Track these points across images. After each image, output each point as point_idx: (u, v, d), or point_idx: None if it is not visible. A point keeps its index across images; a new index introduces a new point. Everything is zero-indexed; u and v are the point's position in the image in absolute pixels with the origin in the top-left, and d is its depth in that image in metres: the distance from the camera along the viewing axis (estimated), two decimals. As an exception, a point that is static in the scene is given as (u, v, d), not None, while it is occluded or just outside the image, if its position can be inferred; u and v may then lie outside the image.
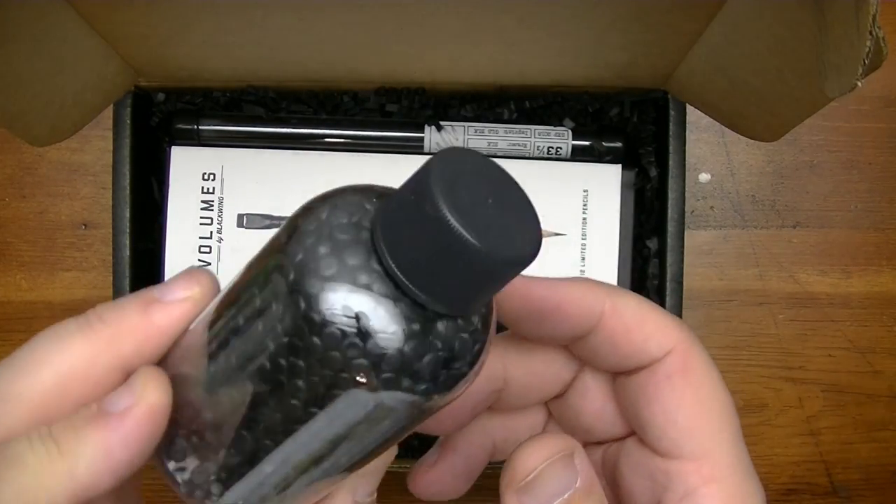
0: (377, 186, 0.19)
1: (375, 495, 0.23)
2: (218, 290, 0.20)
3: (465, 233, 0.15)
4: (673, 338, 0.23)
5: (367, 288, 0.17)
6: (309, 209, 0.18)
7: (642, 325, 0.23)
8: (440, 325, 0.17)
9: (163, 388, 0.19)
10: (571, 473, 0.22)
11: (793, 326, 0.49)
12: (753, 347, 0.49)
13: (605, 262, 0.42)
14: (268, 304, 0.17)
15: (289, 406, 0.18)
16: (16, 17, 0.30)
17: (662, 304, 0.42)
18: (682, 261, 0.42)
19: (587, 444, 0.26)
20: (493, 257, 0.16)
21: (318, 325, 0.16)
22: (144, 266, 0.42)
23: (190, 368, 0.20)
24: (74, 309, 0.47)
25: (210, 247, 0.42)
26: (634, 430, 0.24)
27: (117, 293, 0.41)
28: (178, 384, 0.20)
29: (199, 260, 0.42)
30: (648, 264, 0.43)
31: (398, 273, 0.16)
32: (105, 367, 0.20)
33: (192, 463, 0.20)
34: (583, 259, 0.42)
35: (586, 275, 0.42)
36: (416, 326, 0.17)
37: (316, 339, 0.17)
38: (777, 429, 0.49)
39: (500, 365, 0.25)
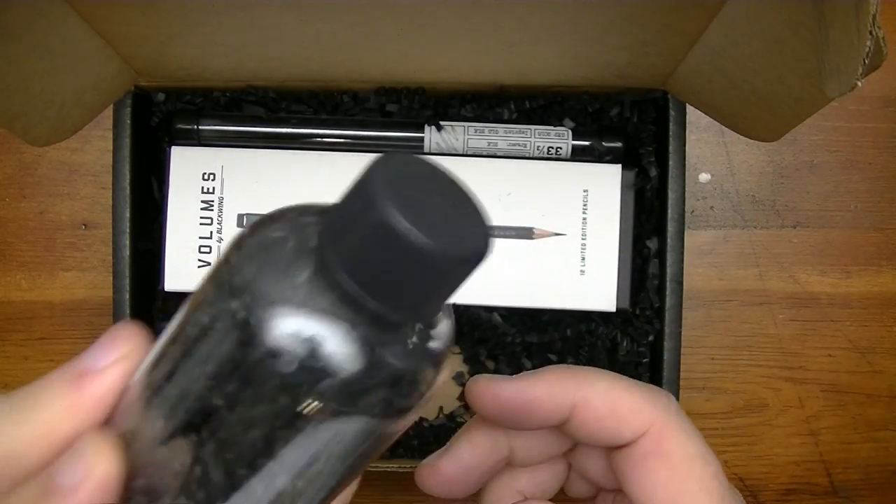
0: (318, 204, 0.18)
1: None
2: (148, 341, 0.20)
3: (415, 233, 0.15)
4: (645, 419, 0.24)
5: (318, 307, 0.16)
6: (248, 232, 0.17)
7: (614, 412, 0.25)
8: (396, 339, 0.17)
9: (112, 454, 0.18)
10: None
11: (793, 326, 0.49)
12: (753, 347, 0.49)
13: (605, 262, 0.42)
14: (213, 337, 0.16)
15: (247, 443, 0.17)
16: (16, 17, 0.30)
17: (662, 304, 0.42)
18: (682, 261, 0.42)
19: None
20: (445, 255, 0.15)
21: (269, 353, 0.15)
22: (144, 266, 0.42)
23: (136, 422, 0.19)
24: (74, 309, 0.47)
25: (210, 247, 0.42)
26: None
27: (117, 293, 0.41)
28: (127, 440, 0.19)
29: (199, 260, 0.42)
30: (648, 264, 0.43)
31: (350, 284, 0.16)
32: (42, 452, 0.19)
33: None
34: (583, 259, 0.42)
35: (586, 275, 0.42)
36: (372, 342, 0.16)
37: (268, 367, 0.16)
38: (777, 429, 0.49)
39: (502, 437, 0.27)
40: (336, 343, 0.16)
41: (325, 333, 0.16)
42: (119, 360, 0.19)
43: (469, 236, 0.16)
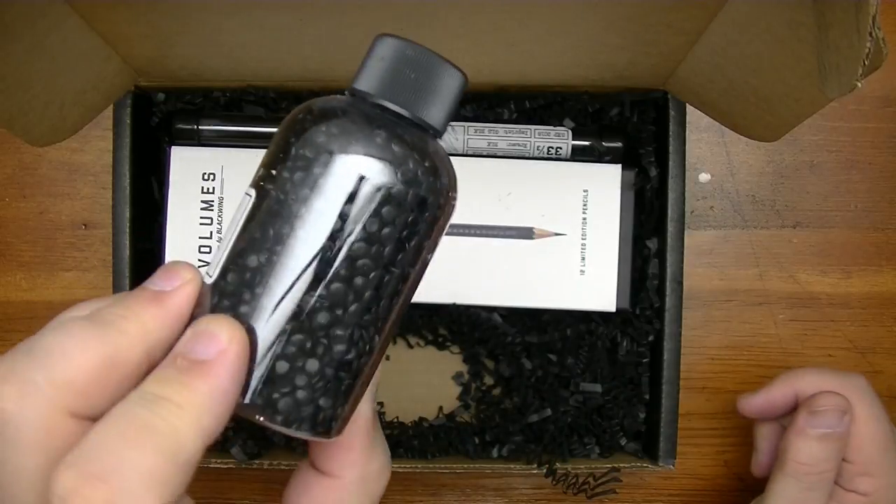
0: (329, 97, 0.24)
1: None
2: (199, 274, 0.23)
3: (442, 59, 0.23)
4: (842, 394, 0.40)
5: (380, 128, 0.22)
6: (303, 115, 0.23)
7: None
8: (431, 141, 0.23)
9: (241, 330, 0.21)
10: (841, 422, 0.39)
11: (793, 326, 0.49)
12: (753, 347, 0.49)
13: (604, 262, 0.42)
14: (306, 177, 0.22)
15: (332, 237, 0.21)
16: (16, 17, 0.30)
17: (662, 304, 0.42)
18: (682, 261, 0.42)
19: None
20: (456, 74, 0.23)
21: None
22: (144, 266, 0.42)
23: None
24: (74, 309, 0.47)
25: (210, 247, 0.42)
26: None
27: (117, 293, 0.41)
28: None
29: (199, 260, 0.42)
30: (648, 264, 0.43)
31: (390, 104, 0.23)
32: (138, 357, 0.21)
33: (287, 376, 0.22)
34: (583, 259, 0.42)
35: (586, 275, 0.42)
36: (414, 141, 0.22)
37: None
38: (777, 429, 0.49)
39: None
40: (393, 142, 0.22)
41: (389, 141, 0.22)
42: (190, 281, 0.22)
43: (455, 64, 0.24)
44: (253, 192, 0.22)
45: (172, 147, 0.42)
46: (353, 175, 0.21)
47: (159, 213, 0.43)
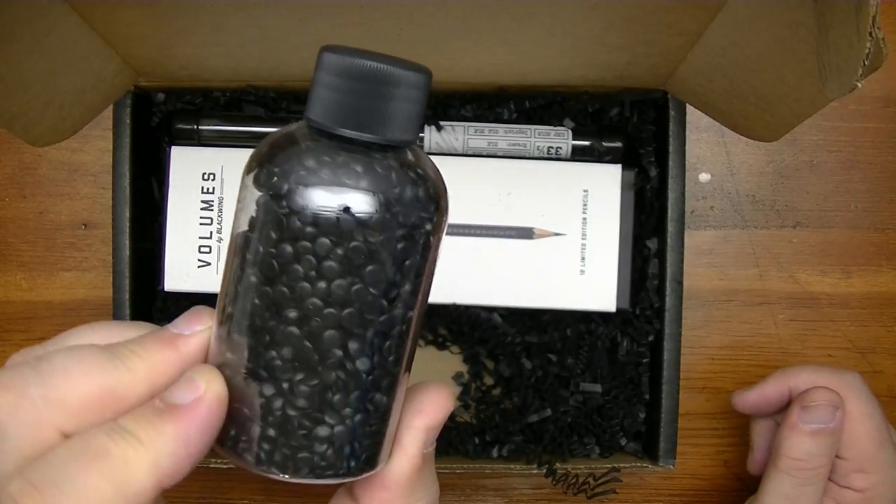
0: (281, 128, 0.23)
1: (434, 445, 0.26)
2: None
3: (394, 64, 0.21)
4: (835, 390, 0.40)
5: (333, 166, 0.21)
6: (259, 160, 0.22)
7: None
8: (407, 153, 0.22)
9: (220, 379, 0.22)
10: (833, 417, 0.39)
11: (793, 326, 0.49)
12: (753, 347, 0.49)
13: (604, 262, 0.42)
14: (263, 233, 0.21)
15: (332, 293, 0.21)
16: (16, 17, 0.30)
17: (662, 304, 0.43)
18: (682, 261, 0.42)
19: None
20: (414, 74, 0.21)
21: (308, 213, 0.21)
22: (144, 266, 0.42)
23: (223, 358, 0.22)
24: (74, 309, 0.47)
25: (210, 247, 0.42)
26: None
27: (117, 293, 0.41)
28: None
29: (199, 260, 0.42)
30: (648, 264, 0.43)
31: (352, 133, 0.21)
32: (141, 392, 0.22)
33: (264, 430, 0.22)
34: (583, 259, 0.42)
35: (586, 275, 0.42)
36: (387, 163, 0.21)
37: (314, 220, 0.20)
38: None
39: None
40: (362, 176, 0.21)
41: (352, 177, 0.21)
42: (205, 330, 0.23)
43: (409, 64, 0.21)
44: (241, 237, 0.22)
45: (172, 147, 0.42)
46: (332, 212, 0.20)
47: (159, 213, 0.43)
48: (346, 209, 0.20)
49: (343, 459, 0.22)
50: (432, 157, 0.23)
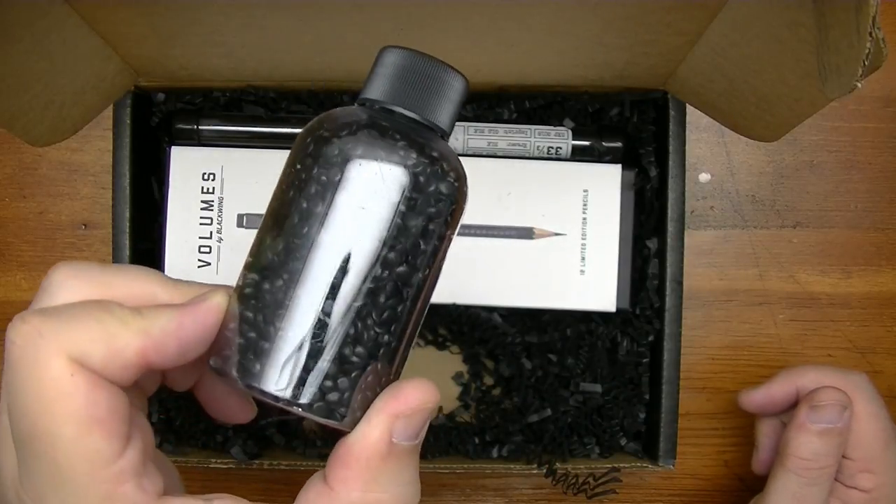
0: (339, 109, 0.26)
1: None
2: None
3: (445, 64, 0.25)
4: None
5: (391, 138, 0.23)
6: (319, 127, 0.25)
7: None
8: (441, 142, 0.25)
9: (227, 296, 0.24)
10: (842, 417, 0.39)
11: (793, 326, 0.49)
12: (753, 347, 0.49)
13: (605, 262, 0.42)
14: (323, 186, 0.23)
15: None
16: (16, 17, 0.30)
17: (662, 304, 0.42)
18: (682, 261, 0.42)
19: None
20: (459, 78, 0.25)
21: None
22: (144, 266, 0.42)
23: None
24: (74, 309, 0.47)
25: (210, 247, 0.42)
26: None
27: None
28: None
29: (199, 260, 0.42)
30: (648, 264, 0.43)
31: (402, 109, 0.24)
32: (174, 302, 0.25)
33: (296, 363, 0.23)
34: (583, 259, 0.42)
35: (586, 275, 0.42)
36: (427, 142, 0.24)
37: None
38: (777, 429, 0.49)
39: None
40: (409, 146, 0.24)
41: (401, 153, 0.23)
42: (221, 293, 0.25)
43: (456, 68, 0.25)
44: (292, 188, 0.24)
45: (172, 147, 0.42)
46: (375, 178, 0.23)
47: (159, 213, 0.43)
48: (384, 172, 0.23)
49: (314, 391, 0.23)
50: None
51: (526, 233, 0.42)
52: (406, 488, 0.24)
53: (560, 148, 0.43)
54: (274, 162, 0.42)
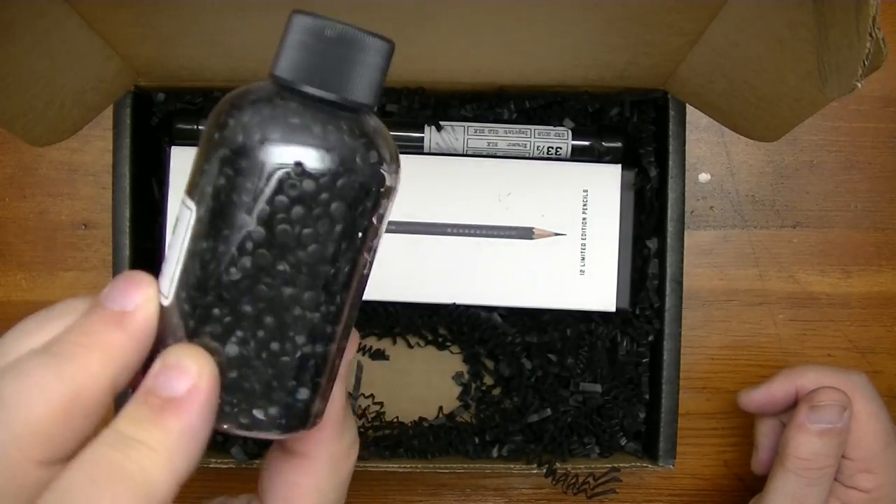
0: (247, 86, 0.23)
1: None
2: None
3: (361, 30, 0.22)
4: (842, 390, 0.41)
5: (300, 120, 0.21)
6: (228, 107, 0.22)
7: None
8: (364, 118, 0.22)
9: (208, 357, 0.21)
10: (841, 417, 0.39)
11: (793, 326, 0.49)
12: (753, 347, 0.49)
13: (605, 262, 0.42)
14: (233, 184, 0.21)
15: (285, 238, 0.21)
16: (16, 17, 0.30)
17: (662, 304, 0.42)
18: (681, 261, 0.42)
19: None
20: (380, 42, 0.22)
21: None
22: (144, 266, 0.42)
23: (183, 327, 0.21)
24: (74, 309, 0.47)
25: (210, 247, 0.42)
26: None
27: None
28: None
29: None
30: (648, 264, 0.43)
31: (315, 90, 0.21)
32: (102, 390, 0.20)
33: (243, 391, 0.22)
34: (583, 259, 0.42)
35: (586, 275, 0.42)
36: (345, 123, 0.21)
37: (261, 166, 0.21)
38: (777, 429, 0.49)
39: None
40: (324, 133, 0.21)
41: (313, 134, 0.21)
42: (147, 300, 0.21)
43: (375, 33, 0.22)
44: (191, 203, 0.22)
45: (172, 147, 0.42)
46: (287, 167, 0.21)
47: (159, 213, 0.43)
48: (299, 164, 0.21)
49: (289, 410, 0.22)
50: (432, 158, 0.22)
51: (526, 233, 0.42)
52: (353, 423, 0.26)
53: (560, 148, 0.43)
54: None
